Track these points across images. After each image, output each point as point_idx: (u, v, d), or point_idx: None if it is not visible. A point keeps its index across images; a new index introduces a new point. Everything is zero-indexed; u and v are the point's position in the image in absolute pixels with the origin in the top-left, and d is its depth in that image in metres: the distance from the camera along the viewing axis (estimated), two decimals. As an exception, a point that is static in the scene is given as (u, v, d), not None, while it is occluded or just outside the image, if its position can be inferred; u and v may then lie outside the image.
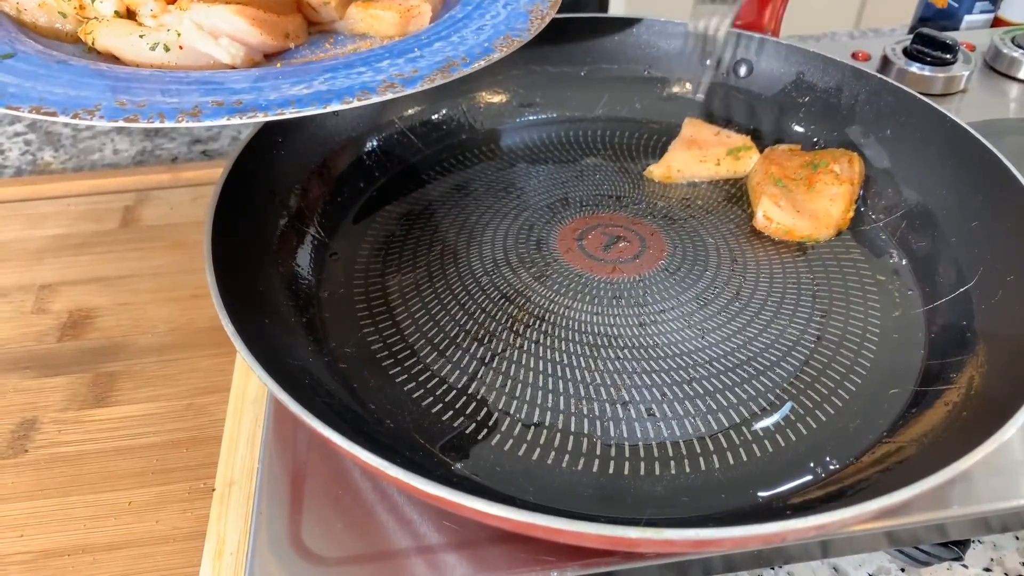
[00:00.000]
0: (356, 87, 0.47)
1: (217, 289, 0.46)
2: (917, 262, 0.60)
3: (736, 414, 0.50)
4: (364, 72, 0.49)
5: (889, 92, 0.68)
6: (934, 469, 0.37)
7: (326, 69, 0.49)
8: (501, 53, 0.52)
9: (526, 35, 0.55)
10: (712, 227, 0.65)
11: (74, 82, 0.46)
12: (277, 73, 0.48)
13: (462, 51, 0.52)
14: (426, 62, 0.50)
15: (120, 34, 0.49)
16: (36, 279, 0.70)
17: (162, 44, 0.48)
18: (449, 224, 0.65)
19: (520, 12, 0.57)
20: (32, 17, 0.52)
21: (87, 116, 0.43)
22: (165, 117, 0.43)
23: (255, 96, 0.45)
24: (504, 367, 0.53)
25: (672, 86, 0.79)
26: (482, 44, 0.53)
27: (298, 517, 0.45)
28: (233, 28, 0.49)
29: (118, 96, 0.44)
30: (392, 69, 0.49)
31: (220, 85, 0.46)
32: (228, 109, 0.44)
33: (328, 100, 0.45)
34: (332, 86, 0.47)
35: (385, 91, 0.47)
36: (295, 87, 0.46)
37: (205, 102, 0.44)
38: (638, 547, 0.40)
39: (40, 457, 0.56)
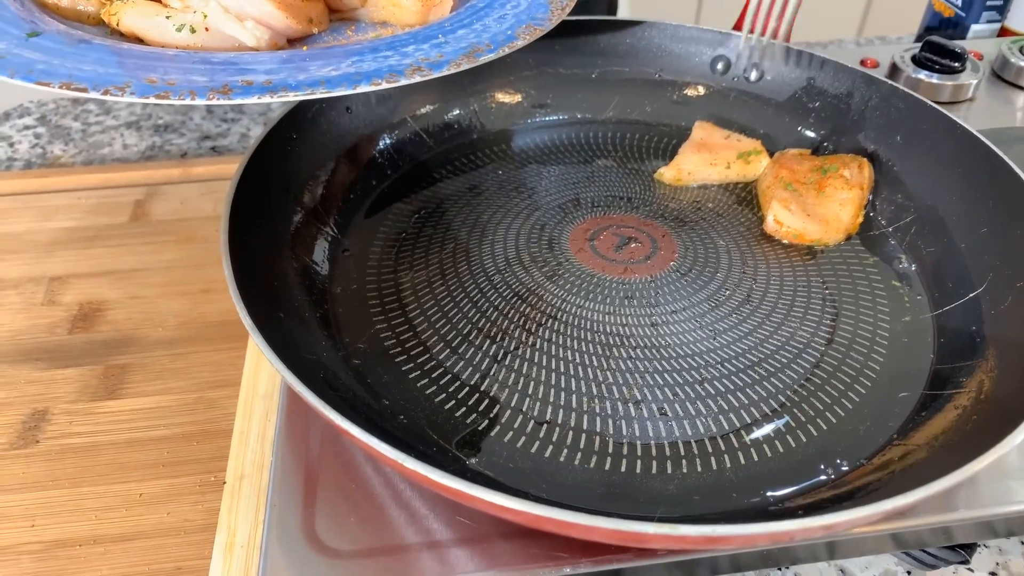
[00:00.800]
0: (384, 69, 0.47)
1: (234, 282, 0.46)
2: (926, 267, 0.61)
3: (747, 415, 0.50)
4: (391, 56, 0.49)
5: (900, 99, 0.68)
6: (944, 472, 0.38)
7: (352, 52, 0.49)
8: (524, 40, 0.53)
9: (547, 24, 0.55)
10: (723, 230, 0.65)
11: (102, 60, 0.46)
12: (304, 55, 0.48)
13: (486, 38, 0.52)
14: (451, 48, 0.50)
15: (146, 15, 0.49)
16: (47, 271, 0.70)
17: (188, 25, 0.48)
18: (461, 222, 0.66)
19: (540, 2, 0.57)
20: (55, 0, 0.52)
21: (117, 92, 0.43)
22: (196, 94, 0.43)
23: (284, 76, 0.45)
24: (517, 364, 0.53)
25: (683, 89, 0.79)
26: (505, 32, 0.53)
27: (311, 510, 0.45)
28: (259, 11, 0.49)
29: (147, 74, 0.44)
30: (418, 54, 0.49)
31: (248, 66, 0.47)
32: (259, 88, 0.44)
33: (357, 81, 0.45)
34: (360, 68, 0.47)
35: (413, 74, 0.47)
36: (323, 69, 0.47)
37: (235, 81, 0.44)
38: (651, 543, 0.40)
39: (51, 448, 0.56)
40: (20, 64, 0.44)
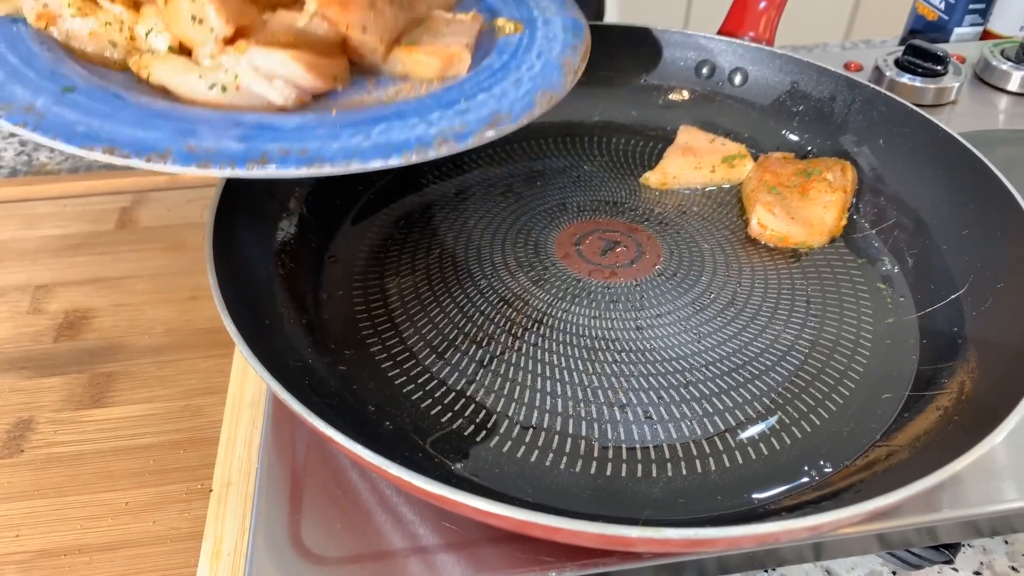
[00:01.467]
0: (412, 141, 0.48)
1: (219, 290, 0.46)
2: (909, 269, 0.61)
3: (732, 417, 0.50)
4: (417, 124, 0.49)
5: (882, 102, 0.69)
6: (926, 472, 0.38)
7: (379, 118, 0.50)
8: (541, 109, 0.54)
9: (561, 90, 0.56)
10: (707, 233, 0.66)
11: (140, 122, 0.46)
12: (334, 120, 0.49)
13: (506, 105, 0.53)
14: (474, 115, 0.51)
15: (177, 71, 0.50)
16: (32, 279, 0.70)
17: (220, 85, 0.49)
18: (447, 228, 0.66)
19: (554, 65, 0.58)
20: (81, 44, 0.52)
21: (159, 161, 0.43)
22: (235, 165, 0.44)
23: (319, 145, 0.46)
24: (502, 370, 0.53)
25: (668, 93, 0.80)
26: (523, 98, 0.54)
27: (297, 517, 0.45)
28: (288, 72, 0.50)
29: (187, 140, 0.45)
30: (443, 122, 0.50)
31: (280, 131, 0.47)
32: (296, 159, 0.45)
33: (389, 154, 0.46)
34: (390, 138, 0.48)
35: (440, 146, 0.48)
36: (354, 137, 0.47)
37: (272, 149, 0.45)
38: (636, 547, 0.40)
39: (36, 457, 0.56)
40: (62, 126, 0.44)
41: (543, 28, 0.62)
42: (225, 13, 0.49)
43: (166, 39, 0.51)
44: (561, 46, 0.60)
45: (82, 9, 0.51)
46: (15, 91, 0.46)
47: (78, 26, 0.52)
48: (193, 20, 0.49)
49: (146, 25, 0.51)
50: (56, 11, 0.51)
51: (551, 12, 0.64)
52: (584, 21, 0.65)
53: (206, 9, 0.49)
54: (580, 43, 0.61)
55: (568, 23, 0.63)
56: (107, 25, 0.52)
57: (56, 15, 0.51)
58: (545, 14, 0.64)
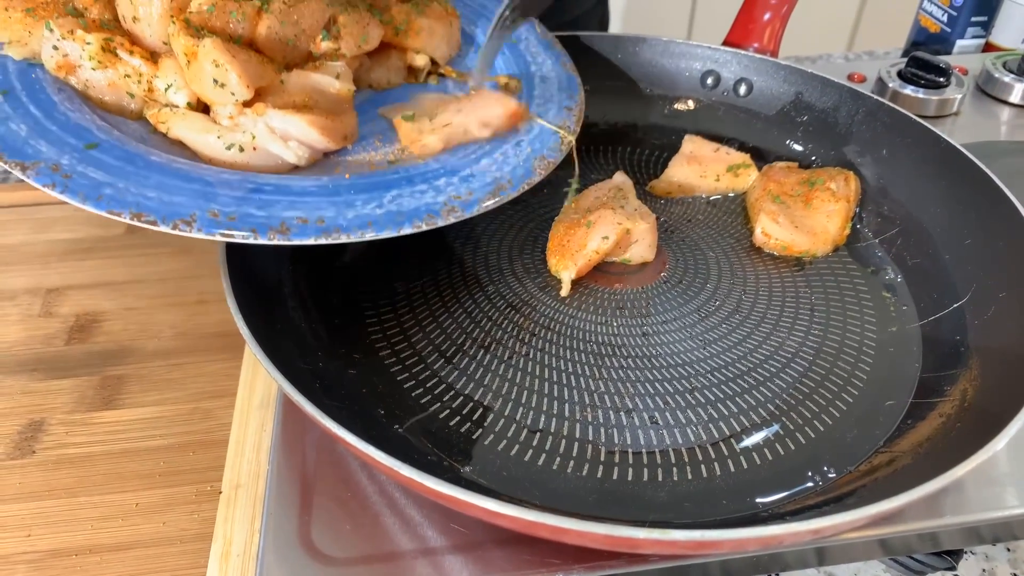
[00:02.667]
0: (423, 209, 0.50)
1: (232, 293, 0.47)
2: (912, 278, 0.62)
3: (737, 423, 0.51)
4: (426, 192, 0.52)
5: (885, 113, 0.69)
6: (928, 477, 0.39)
7: (391, 184, 0.52)
8: (539, 176, 0.56)
9: (558, 155, 0.58)
10: (712, 241, 0.66)
11: (163, 184, 0.47)
12: (348, 186, 0.51)
13: (507, 171, 0.55)
14: (478, 183, 0.54)
15: (196, 130, 0.51)
16: (43, 283, 0.71)
17: (237, 145, 0.51)
18: (455, 234, 0.66)
19: (550, 130, 0.60)
20: (99, 94, 0.53)
21: (186, 228, 0.44)
22: (258, 234, 0.45)
23: (335, 214, 0.48)
24: (510, 374, 0.54)
25: (673, 103, 0.81)
26: (523, 165, 0.56)
27: (307, 518, 0.45)
28: (303, 135, 0.52)
29: (210, 205, 0.46)
30: (450, 189, 0.52)
31: (299, 197, 0.49)
32: (314, 229, 0.47)
33: (401, 224, 0.49)
34: (400, 207, 0.50)
35: (448, 215, 0.50)
36: (367, 205, 0.49)
37: (291, 218, 0.47)
38: (642, 548, 0.41)
39: (48, 458, 0.56)
40: (89, 188, 0.45)
41: (540, 86, 0.64)
42: (247, 78, 0.50)
43: (185, 95, 0.52)
44: (557, 108, 0.62)
45: (102, 61, 0.52)
46: (39, 147, 0.47)
47: (97, 77, 0.52)
48: (215, 83, 0.50)
49: (166, 80, 0.52)
50: (76, 62, 0.52)
51: (547, 68, 0.66)
52: (579, 78, 0.66)
53: (229, 75, 0.50)
54: (575, 105, 0.63)
55: (564, 81, 0.65)
56: (126, 77, 0.52)
57: (76, 65, 0.52)
58: (542, 69, 0.66)
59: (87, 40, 0.51)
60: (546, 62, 0.66)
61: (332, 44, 0.56)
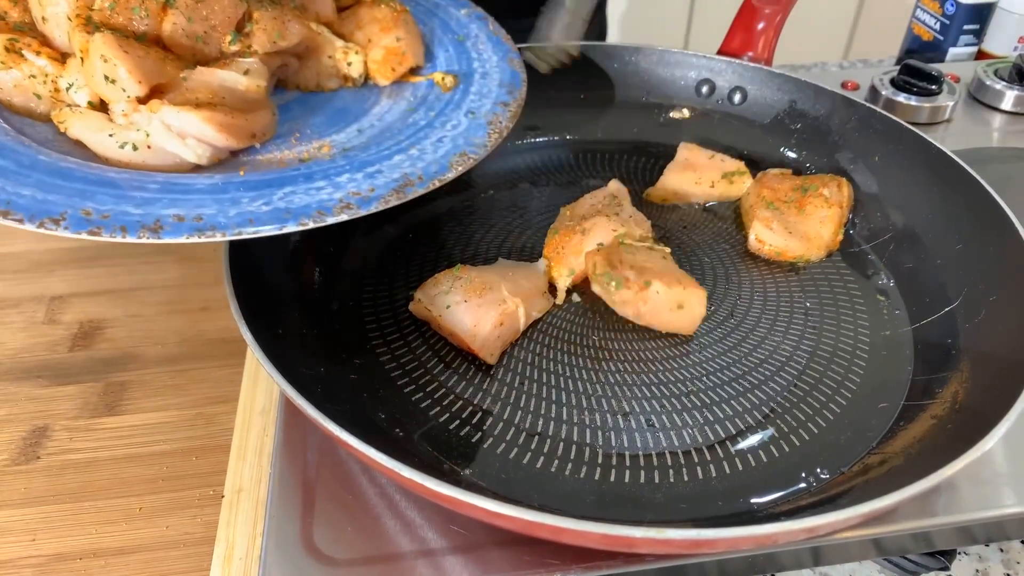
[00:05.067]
0: (313, 206, 0.47)
1: (235, 299, 0.48)
2: (905, 283, 0.63)
3: (732, 425, 0.52)
4: (323, 188, 0.49)
5: (877, 120, 0.71)
6: (919, 477, 0.39)
7: (286, 181, 0.50)
8: (455, 172, 0.53)
9: (482, 151, 0.56)
10: (708, 247, 0.67)
11: (42, 183, 0.46)
12: (239, 183, 0.49)
13: (420, 167, 0.53)
14: (384, 179, 0.51)
15: (92, 128, 0.50)
16: (47, 290, 0.72)
17: (131, 143, 0.49)
18: (455, 240, 0.67)
19: (480, 124, 0.58)
20: (7, 96, 0.52)
21: (52, 226, 0.43)
22: (127, 231, 0.43)
23: (215, 211, 0.46)
24: (509, 379, 0.55)
25: (669, 111, 0.82)
26: (439, 160, 0.54)
27: (309, 520, 0.46)
28: (200, 132, 0.50)
29: (84, 203, 0.44)
30: (351, 186, 0.50)
31: (183, 195, 0.47)
32: (188, 226, 0.44)
33: (285, 221, 0.46)
34: (290, 204, 0.47)
35: (340, 212, 0.47)
36: (255, 203, 0.47)
37: (166, 216, 0.45)
38: (639, 547, 0.41)
39: (52, 463, 0.57)
40: None
41: (479, 82, 0.62)
42: (138, 73, 0.49)
43: (86, 94, 0.51)
44: (492, 103, 0.60)
45: (6, 62, 0.51)
46: None
47: (3, 78, 0.51)
48: (106, 79, 0.49)
49: (68, 79, 0.51)
50: None
51: (491, 64, 0.64)
52: (523, 74, 0.64)
53: (118, 70, 0.48)
54: (512, 100, 0.61)
55: (506, 77, 0.63)
56: (31, 78, 0.51)
57: None
58: (485, 66, 0.64)
59: None
60: (491, 58, 0.65)
61: (242, 43, 0.54)
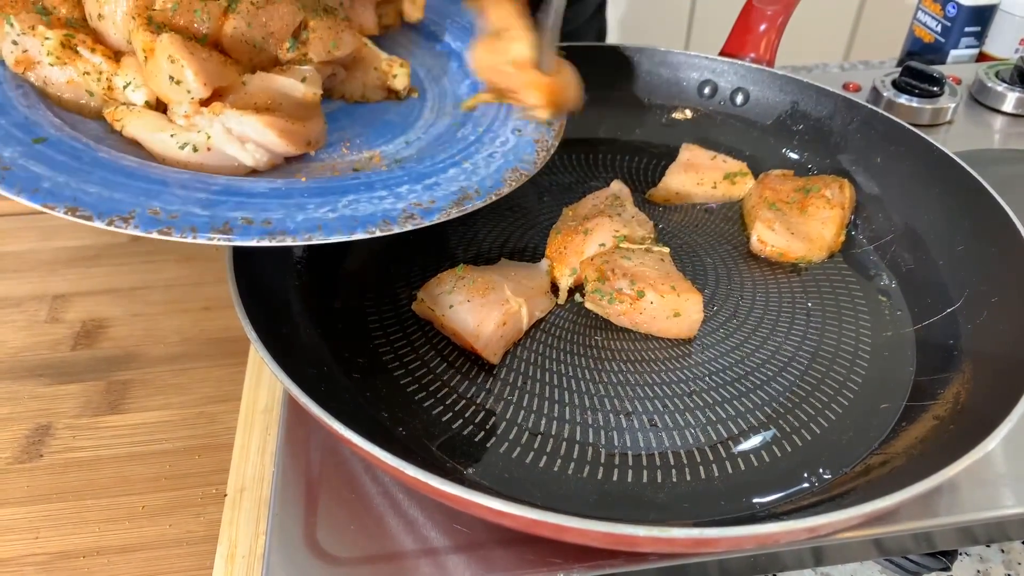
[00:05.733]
0: (379, 215, 0.48)
1: (239, 297, 0.48)
2: (906, 284, 0.63)
3: (734, 426, 0.52)
4: (386, 197, 0.50)
5: (879, 122, 0.71)
6: (921, 478, 0.39)
7: (348, 189, 0.50)
8: (510, 187, 0.55)
9: (532, 168, 0.57)
10: (710, 248, 0.68)
11: (106, 180, 0.46)
12: (303, 189, 0.49)
13: (475, 181, 0.54)
14: (442, 191, 0.52)
15: (151, 128, 0.50)
16: (50, 289, 0.72)
17: (192, 145, 0.50)
18: (458, 240, 0.67)
19: (528, 141, 0.59)
20: (58, 91, 0.52)
21: (122, 224, 0.43)
22: (197, 232, 0.44)
23: (283, 216, 0.46)
24: (512, 378, 0.55)
25: (671, 112, 0.82)
26: (493, 175, 0.55)
27: (312, 519, 0.46)
28: (261, 137, 0.51)
29: (151, 203, 0.45)
30: (411, 196, 0.51)
31: (248, 198, 0.47)
32: (258, 230, 0.45)
33: (353, 228, 0.47)
34: (356, 212, 0.48)
35: (405, 222, 0.48)
36: (320, 209, 0.48)
37: (235, 218, 0.45)
38: (642, 546, 0.42)
39: (55, 462, 0.57)
40: (26, 180, 0.44)
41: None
42: (204, 76, 0.49)
43: (143, 94, 0.51)
44: (535, 123, 0.61)
45: (61, 57, 0.51)
46: None
47: (56, 74, 0.52)
48: (171, 80, 0.49)
49: (125, 78, 0.51)
50: (35, 57, 0.51)
51: None
52: None
53: (184, 71, 0.49)
54: (556, 121, 0.62)
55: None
56: (85, 75, 0.52)
57: (35, 61, 0.51)
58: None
59: (47, 36, 0.51)
60: None
61: (299, 50, 0.55)
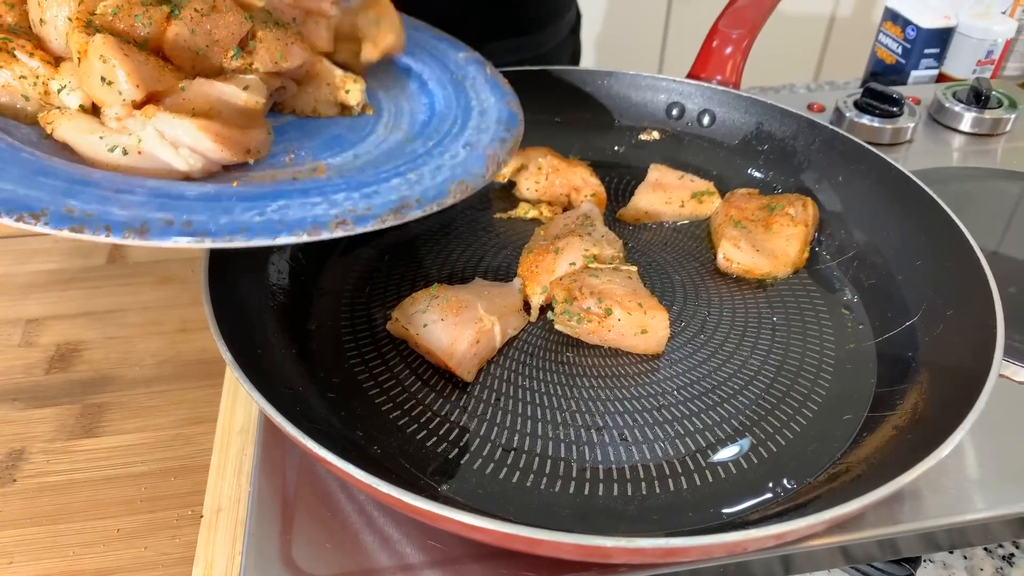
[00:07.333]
0: (308, 220, 0.47)
1: (214, 319, 0.49)
2: (868, 298, 0.65)
3: (702, 439, 0.53)
4: (319, 203, 0.48)
5: (840, 142, 0.73)
6: (880, 484, 0.41)
7: (281, 194, 0.49)
8: (454, 198, 0.53)
9: (480, 181, 0.56)
10: (678, 265, 0.69)
11: (25, 178, 0.44)
12: (232, 193, 0.48)
13: (417, 191, 0.52)
14: (381, 199, 0.50)
15: (81, 130, 0.49)
16: (24, 313, 0.72)
17: (121, 147, 0.48)
18: (432, 260, 0.69)
19: (478, 155, 0.58)
20: None
21: (31, 221, 0.41)
22: (111, 230, 0.42)
23: (206, 218, 0.45)
24: (486, 395, 0.56)
25: (640, 134, 0.84)
26: (438, 186, 0.53)
27: (288, 537, 0.47)
28: (194, 141, 0.50)
29: (68, 201, 0.43)
30: (347, 203, 0.49)
31: (173, 200, 0.46)
32: (177, 230, 0.43)
33: (278, 232, 0.45)
34: (284, 216, 0.46)
35: (336, 228, 0.47)
36: (247, 212, 0.46)
37: (155, 218, 0.44)
38: (613, 557, 0.43)
39: (29, 486, 0.57)
40: None
41: (477, 119, 0.63)
42: (136, 77, 0.48)
43: (78, 97, 0.51)
44: (490, 137, 0.61)
45: None
46: None
47: None
48: (103, 81, 0.48)
49: (61, 81, 0.51)
50: None
51: (489, 104, 0.65)
52: (520, 114, 0.65)
53: (116, 72, 0.48)
54: (510, 137, 0.62)
55: (503, 115, 0.64)
56: (21, 79, 0.51)
57: None
58: (483, 104, 0.65)
59: None
60: (489, 99, 0.66)
61: (244, 59, 0.54)
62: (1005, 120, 0.92)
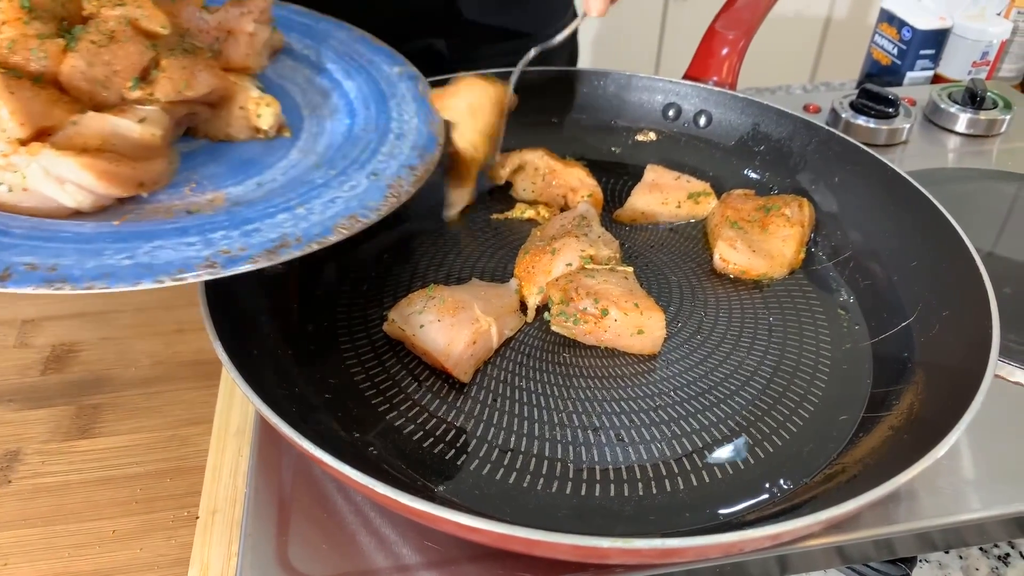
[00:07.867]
0: (176, 263, 0.46)
1: (210, 320, 0.49)
2: (864, 299, 0.65)
3: (699, 439, 0.53)
4: (194, 244, 0.48)
5: (836, 143, 0.73)
6: (876, 484, 0.41)
7: (158, 234, 0.48)
8: (339, 236, 0.51)
9: (374, 216, 0.54)
10: (675, 266, 0.69)
11: None
12: (109, 234, 0.48)
13: (301, 228, 0.51)
14: (259, 238, 0.49)
15: None
16: (18, 314, 0.71)
17: (7, 185, 0.47)
18: (428, 261, 0.69)
19: (380, 187, 0.57)
20: None
21: None
22: None
23: (72, 262, 0.45)
24: (482, 396, 0.56)
25: (636, 135, 0.84)
26: (324, 223, 0.52)
27: (284, 538, 0.47)
28: (79, 179, 0.48)
29: None
30: (223, 243, 0.48)
31: (45, 242, 0.46)
32: (39, 276, 0.43)
33: (142, 277, 0.45)
34: (154, 259, 0.46)
35: (201, 271, 0.46)
36: (118, 255, 0.46)
37: (18, 263, 0.43)
38: (609, 558, 0.43)
39: (24, 488, 0.57)
40: None
41: (391, 143, 0.61)
42: (21, 115, 0.47)
43: None
44: (398, 166, 0.59)
45: None
46: None
47: None
48: None
49: None
50: None
51: (410, 126, 0.64)
52: (440, 138, 0.64)
53: (0, 111, 0.47)
54: (420, 164, 0.60)
55: (420, 140, 0.62)
56: None
57: None
58: (403, 127, 0.63)
59: None
60: (412, 120, 0.64)
61: (144, 90, 0.53)
62: (1000, 121, 0.92)
